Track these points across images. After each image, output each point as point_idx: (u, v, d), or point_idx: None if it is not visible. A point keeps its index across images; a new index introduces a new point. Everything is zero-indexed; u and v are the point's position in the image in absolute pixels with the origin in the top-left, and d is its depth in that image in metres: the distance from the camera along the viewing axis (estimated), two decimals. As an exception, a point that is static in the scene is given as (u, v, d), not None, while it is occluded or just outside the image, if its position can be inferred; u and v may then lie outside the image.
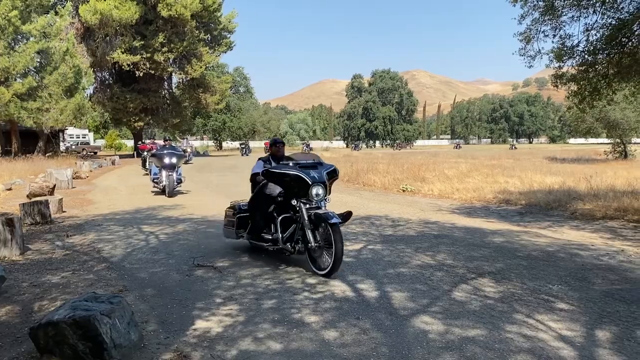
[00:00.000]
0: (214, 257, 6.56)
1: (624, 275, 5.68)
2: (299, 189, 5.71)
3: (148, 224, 9.29)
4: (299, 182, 5.66)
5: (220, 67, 62.44)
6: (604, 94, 10.69)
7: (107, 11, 32.65)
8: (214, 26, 41.26)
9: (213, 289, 5.17)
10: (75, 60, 28.46)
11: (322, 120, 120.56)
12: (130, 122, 40.20)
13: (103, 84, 40.75)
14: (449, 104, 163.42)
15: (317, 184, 5.64)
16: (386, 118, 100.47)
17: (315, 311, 4.49)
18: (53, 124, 27.31)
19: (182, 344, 3.78)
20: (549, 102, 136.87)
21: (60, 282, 5.45)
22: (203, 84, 42.00)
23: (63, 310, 3.47)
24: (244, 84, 78.41)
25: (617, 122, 31.39)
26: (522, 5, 10.28)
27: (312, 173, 5.72)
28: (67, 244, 7.50)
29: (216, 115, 61.38)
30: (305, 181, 5.61)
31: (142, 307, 4.61)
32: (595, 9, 9.55)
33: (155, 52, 35.89)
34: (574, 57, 10.27)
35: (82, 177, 20.03)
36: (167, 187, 13.70)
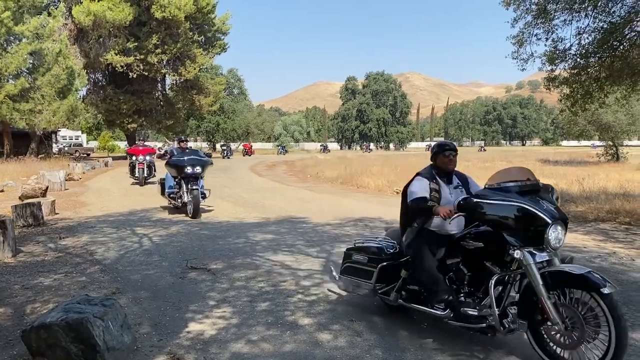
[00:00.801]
0: (207, 260, 6.55)
1: (616, 277, 5.72)
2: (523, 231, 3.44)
3: (141, 226, 9.26)
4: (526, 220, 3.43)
5: (214, 68, 62.32)
6: (596, 97, 10.78)
7: (101, 12, 32.53)
8: (208, 28, 41.21)
9: (206, 292, 5.16)
10: (68, 62, 28.33)
11: (316, 122, 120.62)
12: (123, 123, 40.04)
13: (96, 85, 40.60)
14: (443, 107, 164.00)
15: (557, 222, 3.41)
16: (380, 120, 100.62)
17: (309, 313, 4.50)
18: (46, 125, 27.17)
19: (175, 346, 3.77)
20: (541, 104, 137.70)
21: (53, 284, 5.43)
22: (197, 86, 41.91)
23: (55, 312, 3.46)
24: (237, 86, 78.32)
25: (609, 125, 31.61)
26: (515, 8, 10.36)
27: (544, 205, 3.49)
28: (59, 246, 7.46)
29: (210, 116, 61.24)
30: (539, 218, 3.38)
31: (135, 310, 4.60)
32: (587, 13, 9.63)
33: (149, 53, 35.80)
34: (566, 60, 10.35)
35: (75, 179, 19.93)
36: (190, 205, 10.37)
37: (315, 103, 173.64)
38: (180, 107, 43.44)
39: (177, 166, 10.71)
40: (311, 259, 6.64)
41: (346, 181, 18.87)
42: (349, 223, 9.51)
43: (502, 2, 10.47)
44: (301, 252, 7.01)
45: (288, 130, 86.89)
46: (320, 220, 9.79)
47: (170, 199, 11.29)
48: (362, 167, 22.92)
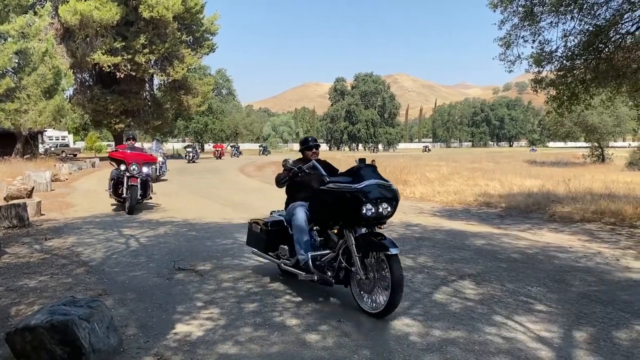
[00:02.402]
0: (195, 261, 6.51)
1: (601, 277, 5.78)
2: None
3: (128, 227, 9.19)
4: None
5: (202, 69, 62.19)
6: (582, 99, 10.88)
7: (88, 12, 32.26)
8: (196, 28, 41.07)
9: (194, 293, 5.14)
10: (55, 61, 28.03)
11: (305, 123, 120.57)
12: (110, 124, 39.74)
13: (83, 85, 40.23)
14: (431, 108, 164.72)
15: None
16: (369, 121, 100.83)
17: (296, 314, 4.49)
18: (31, 125, 26.87)
19: (162, 348, 3.75)
20: (529, 106, 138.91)
21: (38, 286, 5.37)
22: (185, 86, 41.72)
23: (40, 314, 3.42)
24: (226, 86, 78.17)
25: (594, 127, 31.97)
26: (502, 10, 10.43)
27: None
28: (45, 248, 7.38)
29: (198, 117, 61.04)
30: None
31: (122, 311, 4.56)
32: (573, 16, 9.72)
33: (137, 53, 35.56)
34: (553, 62, 10.44)
35: (61, 179, 19.74)
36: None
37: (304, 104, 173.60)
38: (168, 107, 43.23)
39: None
40: (299, 259, 6.62)
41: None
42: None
43: (489, 4, 10.53)
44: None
45: (277, 131, 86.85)
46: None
47: None
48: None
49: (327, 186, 4.60)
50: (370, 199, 4.21)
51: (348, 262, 4.52)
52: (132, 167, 11.03)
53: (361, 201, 4.19)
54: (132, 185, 10.93)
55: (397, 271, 4.14)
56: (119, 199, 11.45)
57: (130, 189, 10.89)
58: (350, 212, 4.31)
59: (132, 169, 11.00)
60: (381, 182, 4.35)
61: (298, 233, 4.94)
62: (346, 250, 4.55)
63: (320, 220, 4.92)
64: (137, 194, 10.96)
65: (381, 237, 4.29)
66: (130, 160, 11.18)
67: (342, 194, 4.35)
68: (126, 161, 11.18)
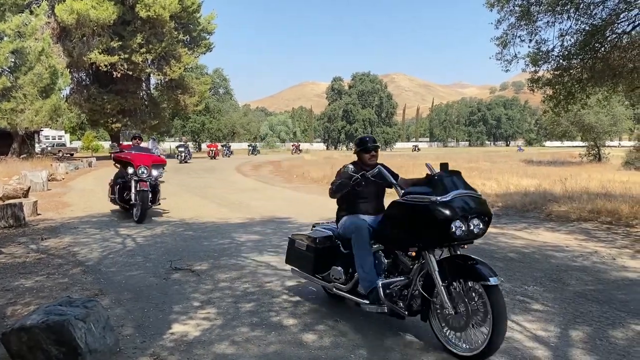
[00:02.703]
0: (191, 260, 6.51)
1: (597, 276, 5.80)
2: None
3: (125, 227, 9.18)
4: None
5: (199, 68, 62.03)
6: (578, 98, 10.90)
7: (84, 11, 32.17)
8: (193, 27, 40.98)
9: (191, 293, 5.13)
10: (51, 61, 27.94)
11: (302, 122, 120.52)
12: (107, 123, 39.63)
13: (80, 84, 40.11)
14: (428, 107, 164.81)
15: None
16: (366, 120, 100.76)
17: (293, 314, 4.49)
18: (28, 125, 26.78)
19: (158, 348, 3.74)
20: (525, 105, 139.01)
21: (34, 286, 5.36)
22: (182, 85, 41.64)
23: (36, 315, 3.41)
24: (223, 86, 78.08)
25: (591, 126, 32.04)
26: (499, 10, 10.44)
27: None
28: (41, 247, 7.37)
29: (195, 116, 60.91)
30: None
31: (118, 311, 4.56)
32: (569, 15, 9.74)
33: (134, 52, 35.48)
34: (549, 62, 10.46)
35: (57, 179, 19.69)
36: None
37: (301, 103, 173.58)
38: (165, 106, 43.14)
39: None
40: (296, 259, 6.62)
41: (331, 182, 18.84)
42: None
43: (486, 3, 10.55)
44: (286, 253, 6.99)
45: (274, 130, 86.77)
46: (306, 221, 9.77)
47: None
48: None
49: (404, 198, 3.79)
50: (460, 215, 3.45)
51: (426, 289, 3.67)
52: (141, 170, 9.87)
53: (449, 217, 3.42)
54: (143, 190, 9.68)
55: (500, 305, 3.34)
56: (125, 206, 10.32)
57: (140, 195, 9.66)
58: (434, 231, 3.52)
59: (141, 172, 9.85)
60: (470, 193, 3.61)
61: (361, 254, 4.03)
62: (424, 276, 3.74)
63: (390, 238, 3.99)
64: (148, 199, 9.81)
65: (473, 262, 3.51)
66: (139, 162, 10.00)
67: (423, 209, 3.53)
68: (134, 163, 9.97)
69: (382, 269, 4.07)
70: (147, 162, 10.15)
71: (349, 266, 4.26)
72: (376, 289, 3.86)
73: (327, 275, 4.48)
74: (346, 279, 4.28)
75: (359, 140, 4.58)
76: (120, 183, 10.30)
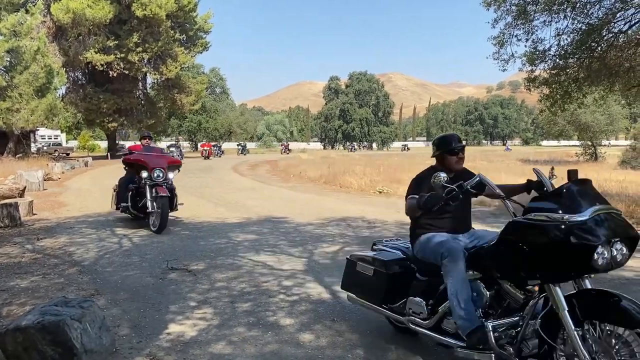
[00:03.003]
0: (188, 260, 6.49)
1: (595, 277, 5.79)
2: None
3: (121, 227, 9.14)
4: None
5: (195, 67, 62.02)
6: (575, 97, 10.93)
7: (80, 10, 32.11)
8: (190, 26, 40.97)
9: (187, 293, 5.11)
10: (47, 60, 27.87)
11: (299, 122, 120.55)
12: (103, 122, 39.60)
13: (76, 84, 40.04)
14: (425, 107, 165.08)
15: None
16: (363, 120, 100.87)
17: (290, 314, 4.48)
18: (24, 124, 26.71)
19: (155, 348, 3.73)
20: (522, 105, 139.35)
21: (30, 286, 5.33)
22: (178, 85, 41.61)
23: (32, 315, 3.39)
24: (220, 85, 78.03)
25: (587, 125, 32.13)
26: (496, 9, 10.46)
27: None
28: (37, 247, 7.33)
29: (192, 116, 60.85)
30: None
31: (114, 311, 4.54)
32: (565, 14, 9.77)
33: (130, 52, 35.44)
34: (546, 61, 10.49)
35: (53, 179, 19.63)
36: None
37: (298, 102, 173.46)
38: (162, 106, 43.13)
39: None
40: (293, 259, 6.62)
41: (329, 181, 18.87)
42: (332, 223, 9.51)
43: (483, 2, 10.56)
44: (283, 252, 6.98)
45: (271, 129, 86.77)
46: (303, 220, 9.78)
47: None
48: (345, 167, 22.94)
49: (527, 217, 2.86)
50: (603, 240, 2.59)
51: (547, 332, 2.79)
52: (157, 174, 8.59)
53: (593, 243, 2.57)
54: (161, 196, 8.42)
55: None
56: (138, 214, 9.04)
57: (158, 201, 8.43)
58: (566, 260, 2.67)
59: (156, 176, 8.57)
60: (610, 210, 2.78)
61: (458, 285, 3.13)
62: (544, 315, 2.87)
63: (502, 267, 3.03)
64: (168, 206, 8.54)
65: (615, 299, 2.68)
66: (154, 164, 8.68)
67: (557, 231, 2.65)
68: (148, 166, 8.64)
69: (483, 303, 3.19)
70: (162, 164, 8.86)
71: (429, 297, 3.46)
72: (483, 332, 2.99)
73: (399, 307, 3.64)
74: (427, 313, 3.44)
75: (443, 140, 3.82)
76: (133, 189, 9.05)
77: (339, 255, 6.78)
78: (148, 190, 8.62)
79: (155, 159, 9.00)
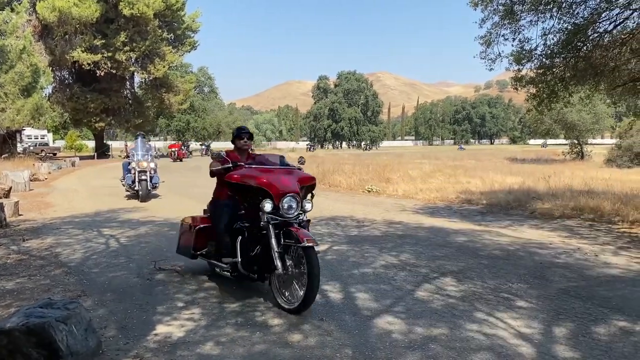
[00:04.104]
0: (176, 260, 6.43)
1: (581, 273, 5.85)
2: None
3: (108, 227, 9.07)
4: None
5: (184, 66, 61.64)
6: (561, 97, 10.99)
7: (66, 9, 31.79)
8: (178, 25, 40.74)
9: (175, 293, 5.08)
10: (33, 59, 27.55)
11: (288, 121, 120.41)
12: (90, 122, 39.26)
13: (62, 83, 39.65)
14: (413, 106, 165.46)
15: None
16: (352, 119, 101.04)
17: (279, 313, 4.47)
18: (9, 124, 26.39)
19: (142, 349, 3.70)
20: (509, 104, 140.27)
21: (15, 288, 5.27)
22: (166, 84, 41.36)
23: (16, 317, 3.35)
24: (208, 84, 77.63)
25: (574, 124, 32.42)
26: (483, 9, 10.48)
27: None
28: (22, 249, 7.25)
29: (180, 115, 60.55)
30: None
31: (101, 313, 4.50)
32: (552, 14, 9.81)
33: (117, 51, 35.16)
34: (533, 61, 10.52)
35: (40, 179, 19.44)
36: None
37: (287, 102, 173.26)
38: (150, 105, 42.84)
39: None
40: (282, 258, 6.59)
41: (318, 180, 18.81)
42: (321, 222, 9.50)
43: (470, 2, 10.58)
44: (272, 252, 6.95)
45: (260, 129, 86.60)
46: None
47: None
48: (334, 166, 22.94)
49: None
50: None
51: None
52: (288, 204, 4.62)
53: None
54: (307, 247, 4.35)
55: None
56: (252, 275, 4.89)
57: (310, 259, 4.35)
58: None
59: (288, 208, 4.62)
60: None
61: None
62: None
63: None
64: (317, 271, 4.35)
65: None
66: (282, 188, 4.66)
67: None
68: (272, 191, 4.63)
69: None
70: (293, 186, 4.78)
71: None
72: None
73: None
74: None
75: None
76: (245, 231, 4.91)
77: (327, 254, 6.78)
78: (273, 237, 4.56)
79: (282, 177, 4.86)
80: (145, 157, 13.14)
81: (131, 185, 13.09)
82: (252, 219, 4.84)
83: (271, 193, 4.58)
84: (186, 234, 5.76)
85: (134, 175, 12.94)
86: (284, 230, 4.54)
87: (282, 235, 4.53)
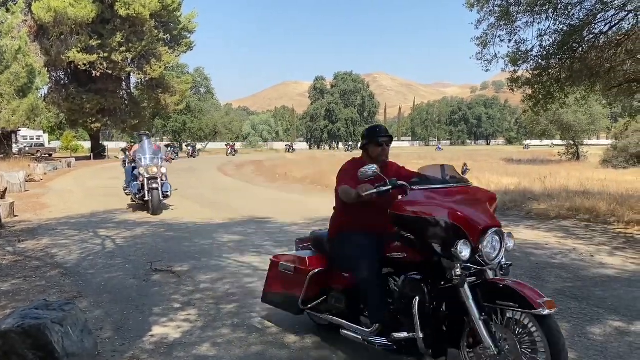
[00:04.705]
0: (172, 262, 6.44)
1: (576, 273, 5.87)
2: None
3: (105, 228, 9.05)
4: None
5: (180, 67, 61.52)
6: (557, 98, 11.03)
7: (62, 9, 31.68)
8: (174, 26, 40.63)
9: (171, 294, 5.08)
10: (29, 59, 27.44)
11: (285, 122, 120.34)
12: (86, 123, 39.14)
13: (58, 84, 39.49)
14: (410, 107, 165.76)
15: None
16: (348, 120, 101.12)
17: (275, 314, 4.46)
18: (5, 125, 26.30)
19: (138, 350, 3.70)
20: (506, 104, 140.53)
21: (11, 289, 5.25)
22: (162, 85, 41.25)
23: (12, 319, 3.34)
24: (204, 85, 77.53)
25: (570, 125, 32.51)
26: (479, 10, 10.51)
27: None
28: (18, 250, 7.23)
29: (176, 116, 60.44)
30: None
31: (97, 314, 4.49)
32: (547, 15, 9.84)
33: (113, 51, 35.05)
34: (529, 62, 10.55)
35: (36, 180, 19.37)
36: None
37: (283, 102, 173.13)
38: (146, 106, 42.70)
39: None
40: (278, 259, 6.59)
41: (315, 181, 18.86)
42: (317, 223, 9.50)
43: (466, 3, 10.61)
44: (268, 253, 6.94)
45: (257, 129, 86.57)
46: (288, 221, 9.76)
47: None
48: (331, 167, 22.92)
49: None
50: None
51: None
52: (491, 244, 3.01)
53: None
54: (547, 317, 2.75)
55: None
56: None
57: None
58: None
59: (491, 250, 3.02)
60: None
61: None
62: None
63: None
64: None
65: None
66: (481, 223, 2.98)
67: None
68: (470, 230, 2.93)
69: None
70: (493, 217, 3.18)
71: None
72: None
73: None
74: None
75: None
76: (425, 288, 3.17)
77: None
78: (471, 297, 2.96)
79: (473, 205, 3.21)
80: (154, 161, 11.02)
81: (138, 195, 11.08)
82: (416, 265, 3.24)
83: (465, 231, 2.93)
84: (287, 279, 4.02)
85: (142, 183, 10.89)
86: (481, 282, 3.02)
87: (479, 291, 2.96)
